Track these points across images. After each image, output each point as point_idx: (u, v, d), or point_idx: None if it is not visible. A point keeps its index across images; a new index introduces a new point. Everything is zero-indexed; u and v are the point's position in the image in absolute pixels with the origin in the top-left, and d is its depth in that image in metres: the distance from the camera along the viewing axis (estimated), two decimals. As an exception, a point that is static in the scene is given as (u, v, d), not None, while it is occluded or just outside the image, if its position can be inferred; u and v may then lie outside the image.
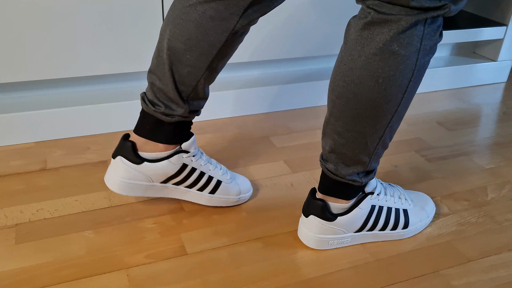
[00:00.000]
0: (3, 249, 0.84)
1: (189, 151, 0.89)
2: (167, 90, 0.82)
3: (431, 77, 1.57)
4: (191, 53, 0.80)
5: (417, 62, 0.70)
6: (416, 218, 0.92)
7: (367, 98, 0.72)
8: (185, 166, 0.89)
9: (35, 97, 1.21)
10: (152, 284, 0.79)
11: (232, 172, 1.00)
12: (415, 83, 0.73)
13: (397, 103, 0.73)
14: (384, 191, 0.89)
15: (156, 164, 0.87)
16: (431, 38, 0.70)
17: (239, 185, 0.97)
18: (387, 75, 0.70)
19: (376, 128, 0.75)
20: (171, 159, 0.87)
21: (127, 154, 0.86)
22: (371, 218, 0.87)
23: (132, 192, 0.88)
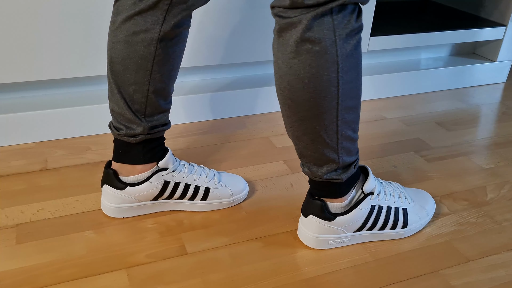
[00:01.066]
0: (4, 249, 0.84)
1: (167, 168, 0.91)
2: (123, 112, 0.85)
3: (431, 77, 1.58)
4: (129, 71, 0.82)
5: (338, 53, 0.71)
6: (416, 216, 0.92)
7: (302, 100, 0.73)
8: (167, 183, 0.91)
9: (36, 97, 1.21)
10: (152, 284, 0.79)
11: (226, 173, 1.00)
12: (347, 72, 0.73)
13: (335, 97, 0.73)
14: (384, 191, 0.89)
15: (139, 187, 0.90)
16: (345, 26, 0.70)
17: (230, 187, 0.97)
18: (309, 74, 0.71)
19: (325, 124, 0.76)
20: (151, 180, 0.90)
21: (110, 181, 0.90)
22: (370, 218, 0.87)
23: (126, 214, 0.93)
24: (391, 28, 1.51)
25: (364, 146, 1.24)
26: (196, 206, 0.96)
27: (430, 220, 0.97)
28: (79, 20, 1.12)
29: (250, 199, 1.01)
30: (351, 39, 0.71)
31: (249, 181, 1.07)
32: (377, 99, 1.53)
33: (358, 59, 0.74)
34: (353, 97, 0.75)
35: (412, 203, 0.93)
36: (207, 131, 1.28)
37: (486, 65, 1.65)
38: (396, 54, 1.62)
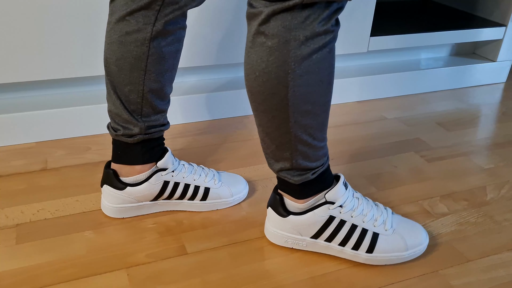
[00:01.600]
0: (4, 249, 0.84)
1: (167, 168, 0.91)
2: (120, 113, 0.86)
3: (431, 77, 1.58)
4: (124, 72, 0.83)
5: (290, 54, 0.68)
6: (387, 246, 0.83)
7: (256, 92, 0.73)
8: (167, 182, 0.91)
9: (36, 97, 1.21)
10: (152, 284, 0.79)
11: (226, 173, 1.01)
12: (301, 76, 0.70)
13: (284, 97, 0.71)
14: (355, 207, 0.83)
15: (138, 187, 0.90)
16: (305, 28, 0.67)
17: (230, 187, 0.97)
18: (260, 67, 0.70)
19: (276, 122, 0.74)
20: (150, 180, 0.90)
21: (110, 181, 0.90)
22: (327, 228, 0.83)
23: (126, 214, 0.93)
24: (391, 28, 1.51)
25: (364, 146, 1.24)
26: (196, 206, 0.96)
27: (431, 220, 0.97)
28: (79, 20, 1.12)
29: (250, 199, 1.01)
30: (312, 42, 0.68)
31: (249, 181, 1.07)
32: (377, 99, 1.53)
33: (321, 65, 0.70)
34: (310, 102, 0.72)
35: (390, 231, 0.84)
36: (206, 131, 1.28)
37: (486, 65, 1.65)
38: (396, 54, 1.62)
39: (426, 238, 0.86)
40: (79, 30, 1.13)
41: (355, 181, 1.09)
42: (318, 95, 0.73)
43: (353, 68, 1.54)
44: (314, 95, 0.72)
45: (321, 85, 0.72)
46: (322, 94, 0.73)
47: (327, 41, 0.69)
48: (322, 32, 0.68)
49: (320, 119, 0.75)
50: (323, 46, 0.69)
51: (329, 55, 0.71)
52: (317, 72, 0.71)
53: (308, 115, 0.74)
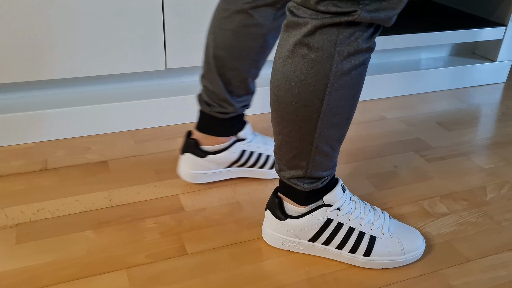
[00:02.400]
0: (4, 249, 0.84)
1: (245, 139, 1.01)
2: (218, 92, 0.93)
3: (431, 77, 1.58)
4: (234, 59, 0.89)
5: (332, 68, 0.68)
6: (385, 249, 0.83)
7: (285, 101, 0.72)
8: (243, 151, 1.01)
9: (36, 97, 1.21)
10: (152, 284, 0.79)
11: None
12: (338, 90, 0.70)
13: (318, 109, 0.71)
14: (352, 210, 0.84)
15: (218, 154, 1.00)
16: (350, 44, 0.67)
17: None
18: (298, 78, 0.69)
19: (301, 133, 0.74)
20: (230, 149, 1.00)
21: (192, 150, 1.00)
22: (325, 230, 0.83)
23: (203, 179, 1.03)
24: (391, 28, 1.51)
25: (364, 146, 1.24)
26: (265, 174, 1.06)
27: (431, 220, 0.97)
28: (79, 20, 1.12)
29: (250, 199, 1.01)
30: (353, 58, 0.68)
31: (250, 181, 1.07)
32: (377, 99, 1.53)
33: (357, 81, 0.71)
34: (339, 115, 0.73)
35: (387, 235, 0.84)
36: (207, 131, 1.28)
37: (486, 65, 1.65)
38: (396, 54, 1.62)
39: (423, 244, 0.86)
40: (79, 30, 1.13)
41: (355, 180, 1.09)
42: (347, 109, 0.73)
43: (353, 68, 1.54)
44: (344, 109, 0.72)
45: (352, 99, 0.72)
46: (351, 107, 0.73)
47: (367, 58, 0.70)
48: (364, 49, 0.68)
49: (343, 131, 0.76)
50: (363, 63, 0.69)
51: (365, 71, 0.71)
52: (352, 87, 0.71)
53: (334, 127, 0.74)
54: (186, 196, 1.01)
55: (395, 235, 0.85)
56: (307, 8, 0.66)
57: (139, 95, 1.26)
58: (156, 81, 1.33)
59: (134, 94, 1.26)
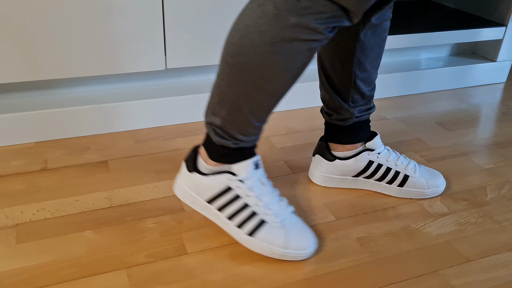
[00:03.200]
0: (4, 249, 0.84)
1: (374, 149, 1.00)
2: (332, 100, 0.97)
3: (431, 77, 1.58)
4: (336, 66, 0.93)
5: (275, 28, 0.68)
6: (267, 237, 0.85)
7: (230, 41, 0.73)
8: (371, 162, 1.01)
9: (36, 97, 1.21)
10: (152, 284, 0.79)
11: (425, 166, 1.06)
12: (273, 53, 0.70)
13: (249, 62, 0.72)
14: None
15: (346, 161, 1.01)
16: (301, 15, 0.67)
17: (428, 180, 1.02)
18: (246, 23, 0.70)
19: (230, 79, 0.75)
20: (357, 157, 1.01)
21: (322, 152, 1.03)
22: (222, 196, 0.84)
23: (328, 183, 1.05)
24: (391, 28, 1.51)
25: (364, 146, 1.24)
26: (392, 190, 1.03)
27: (431, 220, 0.97)
28: (80, 20, 1.12)
29: (250, 199, 1.01)
30: (299, 31, 0.69)
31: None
32: (377, 99, 1.53)
33: (295, 56, 0.71)
34: (269, 82, 0.74)
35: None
36: (207, 131, 1.28)
37: (486, 65, 1.65)
38: (396, 54, 1.62)
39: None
40: (80, 30, 1.13)
41: (355, 181, 1.09)
42: (278, 80, 0.74)
43: (353, 68, 1.54)
44: (275, 77, 0.73)
45: (285, 72, 0.73)
46: (282, 80, 0.74)
47: (313, 39, 0.70)
48: (312, 28, 0.69)
49: (269, 103, 0.77)
50: (307, 40, 0.70)
51: (307, 53, 0.72)
52: (288, 58, 0.71)
53: (260, 92, 0.75)
54: (186, 196, 1.01)
55: (285, 228, 0.85)
56: None
57: (139, 95, 1.26)
58: (156, 81, 1.33)
59: (134, 94, 1.26)
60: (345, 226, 0.94)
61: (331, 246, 0.89)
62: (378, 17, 0.88)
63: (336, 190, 1.05)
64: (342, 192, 1.05)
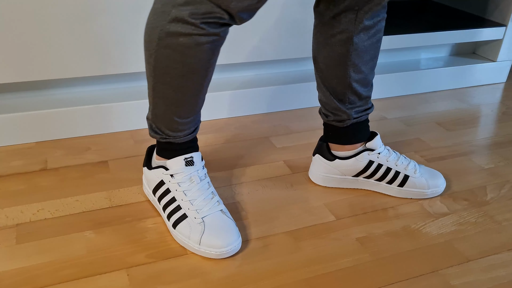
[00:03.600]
0: (4, 249, 0.84)
1: (374, 149, 1.00)
2: (330, 102, 0.97)
3: (431, 77, 1.58)
4: (331, 68, 0.93)
5: (162, 23, 0.74)
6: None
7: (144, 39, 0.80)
8: (371, 162, 1.01)
9: (36, 97, 1.21)
10: (152, 284, 0.79)
11: (425, 167, 1.06)
12: (165, 48, 0.76)
13: (151, 56, 0.78)
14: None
15: (346, 161, 1.01)
16: (181, 10, 0.72)
17: (428, 180, 1.02)
18: (148, 19, 0.77)
19: (148, 73, 0.82)
20: (357, 157, 1.00)
21: (322, 152, 1.03)
22: (159, 189, 0.90)
23: (328, 183, 1.05)
24: (391, 28, 1.51)
25: (364, 146, 1.24)
26: (392, 190, 1.03)
27: (431, 220, 0.97)
28: (80, 20, 1.12)
29: (250, 199, 1.01)
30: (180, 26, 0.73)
31: (249, 181, 1.07)
32: (377, 99, 1.53)
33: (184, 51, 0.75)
34: (171, 77, 0.79)
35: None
36: (208, 131, 1.28)
37: (486, 65, 1.65)
38: (396, 54, 1.62)
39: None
40: (80, 30, 1.13)
41: (355, 181, 1.09)
42: (178, 76, 0.79)
43: (353, 68, 1.54)
44: (174, 73, 0.79)
45: (182, 67, 0.78)
46: (182, 77, 0.79)
47: (195, 34, 0.74)
48: (190, 23, 0.73)
49: (181, 98, 0.82)
50: (189, 34, 0.74)
51: (197, 47, 0.75)
52: (179, 53, 0.76)
53: (168, 87, 0.81)
54: (186, 196, 1.01)
55: (204, 225, 0.85)
56: None
57: (139, 95, 1.26)
58: (156, 81, 1.33)
59: (134, 94, 1.26)
60: (345, 226, 0.95)
61: (331, 246, 0.89)
62: (371, 19, 0.88)
63: (336, 190, 1.05)
64: (342, 192, 1.05)
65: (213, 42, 0.76)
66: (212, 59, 0.79)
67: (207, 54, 0.77)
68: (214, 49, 0.78)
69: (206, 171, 0.96)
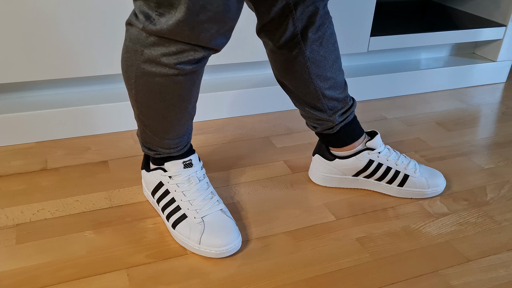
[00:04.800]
0: (4, 249, 0.84)
1: (375, 149, 0.99)
2: (311, 116, 0.97)
3: (431, 77, 1.58)
4: (298, 87, 0.92)
5: (137, 62, 0.74)
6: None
7: None
8: (371, 161, 1.00)
9: (36, 97, 1.21)
10: (152, 284, 0.79)
11: (426, 166, 1.05)
12: (143, 85, 0.76)
13: (131, 89, 0.79)
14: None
15: (346, 160, 1.01)
16: (151, 50, 0.71)
17: (428, 179, 1.02)
18: (123, 51, 0.76)
19: (131, 100, 0.82)
20: (357, 156, 1.00)
21: (322, 152, 1.03)
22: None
23: (329, 183, 1.05)
24: (391, 28, 1.51)
25: (364, 146, 1.24)
26: (392, 190, 1.03)
27: (431, 220, 0.97)
28: (80, 21, 1.12)
29: (250, 199, 1.01)
30: (154, 66, 0.73)
31: (249, 181, 1.07)
32: (377, 99, 1.53)
33: (162, 88, 0.75)
34: (152, 111, 0.79)
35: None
36: (208, 131, 1.28)
37: (486, 65, 1.65)
38: (396, 54, 1.62)
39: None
40: (80, 30, 1.13)
41: (355, 181, 1.09)
42: (158, 113, 0.80)
43: (353, 68, 1.54)
44: (154, 109, 0.79)
45: (161, 104, 0.78)
46: (167, 109, 0.79)
47: (170, 74, 0.73)
48: (163, 64, 0.72)
49: (164, 126, 0.82)
50: (165, 75, 0.73)
51: (172, 86, 0.75)
52: (157, 92, 0.76)
53: (149, 117, 0.81)
54: (186, 196, 1.01)
55: (204, 224, 0.86)
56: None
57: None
58: (156, 81, 1.33)
59: (134, 94, 1.26)
60: (345, 226, 0.95)
61: (331, 246, 0.89)
62: (315, 31, 0.86)
63: (336, 190, 1.05)
64: (342, 192, 1.05)
65: (192, 77, 0.75)
66: (194, 90, 0.78)
67: (187, 89, 0.77)
68: (194, 81, 0.76)
69: (205, 171, 0.96)
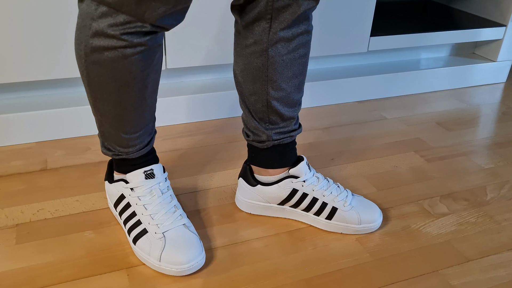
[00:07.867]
0: (4, 249, 0.84)
1: (299, 177, 0.90)
2: (249, 120, 0.89)
3: (431, 77, 1.58)
4: (248, 82, 0.85)
5: (85, 38, 0.70)
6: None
7: None
8: (295, 190, 0.91)
9: (36, 97, 1.21)
10: (152, 284, 0.79)
11: (362, 198, 0.95)
12: (94, 63, 0.72)
13: (83, 72, 0.74)
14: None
15: (268, 187, 0.92)
16: (98, 21, 0.68)
17: (360, 213, 0.91)
18: (75, 33, 0.73)
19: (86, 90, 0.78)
20: (280, 184, 0.91)
21: (245, 176, 0.94)
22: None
23: (253, 210, 0.96)
24: (391, 28, 1.51)
25: (365, 146, 1.24)
26: (320, 223, 0.92)
27: (431, 220, 0.97)
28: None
29: (250, 199, 1.01)
30: (101, 40, 0.69)
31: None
32: (377, 99, 1.53)
33: (113, 65, 0.72)
34: (106, 92, 0.75)
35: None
36: (208, 131, 1.28)
37: (486, 65, 1.65)
38: (396, 54, 1.62)
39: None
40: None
41: (355, 180, 1.09)
42: (113, 90, 0.75)
43: (353, 68, 1.54)
44: (108, 87, 0.74)
45: (114, 82, 0.74)
46: (117, 91, 0.75)
47: (119, 46, 0.70)
48: (110, 35, 0.69)
49: (120, 113, 0.77)
50: (114, 48, 0.70)
51: (124, 60, 0.71)
52: (109, 69, 0.72)
53: (106, 103, 0.76)
54: (186, 197, 1.01)
55: (165, 240, 0.81)
56: None
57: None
58: (156, 81, 1.33)
59: (134, 94, 1.26)
60: (345, 226, 0.94)
61: (331, 246, 0.89)
62: (288, 30, 0.79)
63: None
64: (342, 192, 1.04)
65: (142, 52, 0.72)
66: (147, 69, 0.74)
67: (138, 66, 0.73)
68: (145, 59, 0.73)
69: (169, 184, 0.92)
